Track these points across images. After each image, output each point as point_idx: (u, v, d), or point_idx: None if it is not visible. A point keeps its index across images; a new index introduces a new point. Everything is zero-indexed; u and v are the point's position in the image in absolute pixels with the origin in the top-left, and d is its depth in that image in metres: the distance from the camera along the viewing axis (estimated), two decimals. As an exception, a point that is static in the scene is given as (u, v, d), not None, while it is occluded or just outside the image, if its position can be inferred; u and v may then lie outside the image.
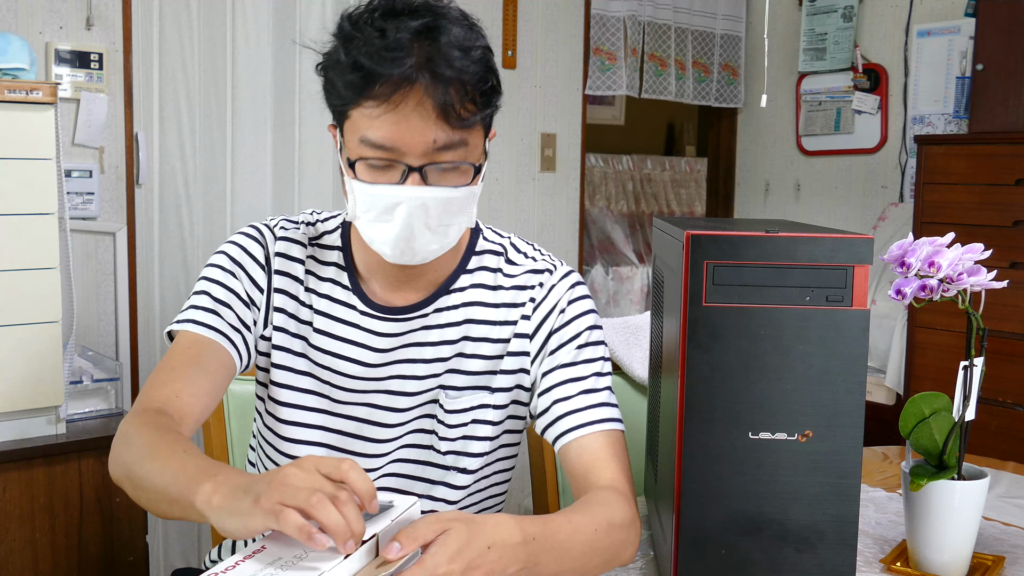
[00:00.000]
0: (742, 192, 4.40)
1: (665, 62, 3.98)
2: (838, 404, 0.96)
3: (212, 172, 2.87)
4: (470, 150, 1.12)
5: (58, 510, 1.99)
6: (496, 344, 1.26)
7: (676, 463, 0.99)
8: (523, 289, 1.26)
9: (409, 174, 1.09)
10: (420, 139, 1.07)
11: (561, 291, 1.26)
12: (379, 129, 1.07)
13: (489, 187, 3.53)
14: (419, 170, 1.09)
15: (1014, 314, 2.83)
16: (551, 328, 1.25)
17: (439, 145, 1.08)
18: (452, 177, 1.12)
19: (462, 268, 1.26)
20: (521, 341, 1.25)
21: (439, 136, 1.07)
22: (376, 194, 1.10)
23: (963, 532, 1.14)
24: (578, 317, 1.25)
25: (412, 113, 1.06)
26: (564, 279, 1.27)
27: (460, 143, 1.10)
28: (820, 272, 0.96)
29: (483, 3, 3.43)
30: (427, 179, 1.10)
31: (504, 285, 1.26)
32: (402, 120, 1.06)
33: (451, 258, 1.25)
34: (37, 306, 1.93)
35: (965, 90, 3.44)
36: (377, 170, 1.10)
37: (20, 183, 1.90)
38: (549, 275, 1.27)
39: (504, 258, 1.28)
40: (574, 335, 1.24)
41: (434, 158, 1.09)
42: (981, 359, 1.13)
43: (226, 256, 1.25)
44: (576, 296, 1.26)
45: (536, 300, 1.26)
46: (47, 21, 2.52)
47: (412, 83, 1.05)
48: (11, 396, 1.93)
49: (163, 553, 2.81)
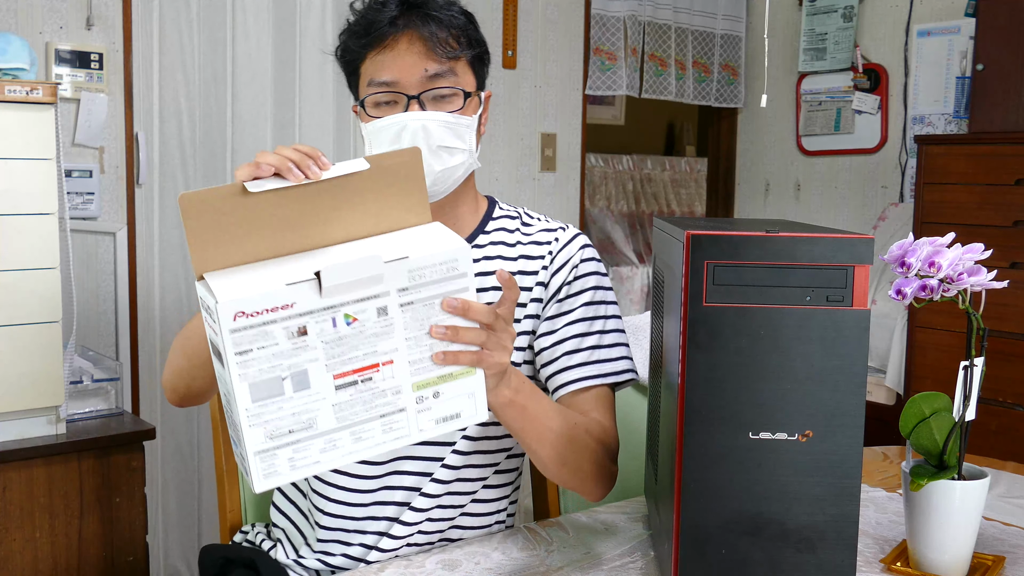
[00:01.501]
0: (742, 192, 4.40)
1: (665, 62, 3.98)
2: (838, 404, 0.96)
3: (212, 172, 2.87)
4: (460, 80, 1.30)
5: (58, 510, 1.99)
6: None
7: (676, 463, 0.99)
8: (540, 244, 1.39)
9: (410, 103, 1.28)
10: (414, 71, 1.27)
11: (573, 249, 1.39)
12: (380, 69, 1.28)
13: (489, 187, 3.53)
14: (417, 98, 1.28)
15: (1014, 314, 2.83)
16: (563, 280, 1.37)
17: (431, 73, 1.28)
18: (447, 104, 1.30)
19: (481, 229, 1.40)
20: (540, 289, 1.37)
21: (430, 66, 1.28)
22: (385, 125, 1.28)
23: (963, 532, 1.14)
24: (589, 275, 1.38)
25: (405, 52, 1.28)
26: (575, 239, 1.41)
27: (449, 72, 1.29)
28: (820, 272, 0.96)
29: (483, 3, 3.43)
30: (424, 107, 1.28)
31: (523, 241, 1.40)
32: (398, 57, 1.28)
33: (471, 215, 1.40)
34: (37, 306, 1.93)
35: (965, 90, 3.44)
36: (384, 106, 1.30)
37: (20, 183, 1.90)
38: (562, 231, 1.41)
39: (520, 221, 1.43)
40: (580, 290, 1.37)
41: (428, 86, 1.28)
42: (981, 359, 1.13)
43: None
44: (586, 256, 1.39)
45: (553, 253, 1.38)
46: (47, 21, 2.52)
47: (401, 28, 1.28)
48: (11, 396, 1.93)
49: (163, 553, 2.81)
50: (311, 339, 0.94)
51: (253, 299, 0.91)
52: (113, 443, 2.04)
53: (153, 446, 2.67)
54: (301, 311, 0.93)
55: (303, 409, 0.95)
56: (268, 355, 0.93)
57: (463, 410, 1.02)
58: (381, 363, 0.97)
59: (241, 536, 1.48)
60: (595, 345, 1.35)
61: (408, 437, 1.00)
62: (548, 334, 1.35)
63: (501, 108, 3.55)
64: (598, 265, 1.40)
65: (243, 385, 0.92)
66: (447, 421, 1.02)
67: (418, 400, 0.99)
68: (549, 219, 1.44)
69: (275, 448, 0.95)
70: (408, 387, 0.99)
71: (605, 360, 1.35)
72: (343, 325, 0.95)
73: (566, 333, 1.34)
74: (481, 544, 1.30)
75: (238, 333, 0.91)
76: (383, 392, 0.98)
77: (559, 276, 1.37)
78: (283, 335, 0.93)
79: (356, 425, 0.97)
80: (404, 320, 0.97)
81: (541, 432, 1.20)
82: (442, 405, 1.01)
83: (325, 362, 0.95)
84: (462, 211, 1.38)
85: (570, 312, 1.35)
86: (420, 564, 1.23)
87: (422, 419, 1.00)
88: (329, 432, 0.96)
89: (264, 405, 0.93)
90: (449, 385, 1.01)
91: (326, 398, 0.95)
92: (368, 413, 0.97)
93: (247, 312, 0.91)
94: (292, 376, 0.94)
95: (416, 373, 0.99)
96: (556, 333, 1.35)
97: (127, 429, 2.09)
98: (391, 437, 0.99)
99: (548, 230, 1.41)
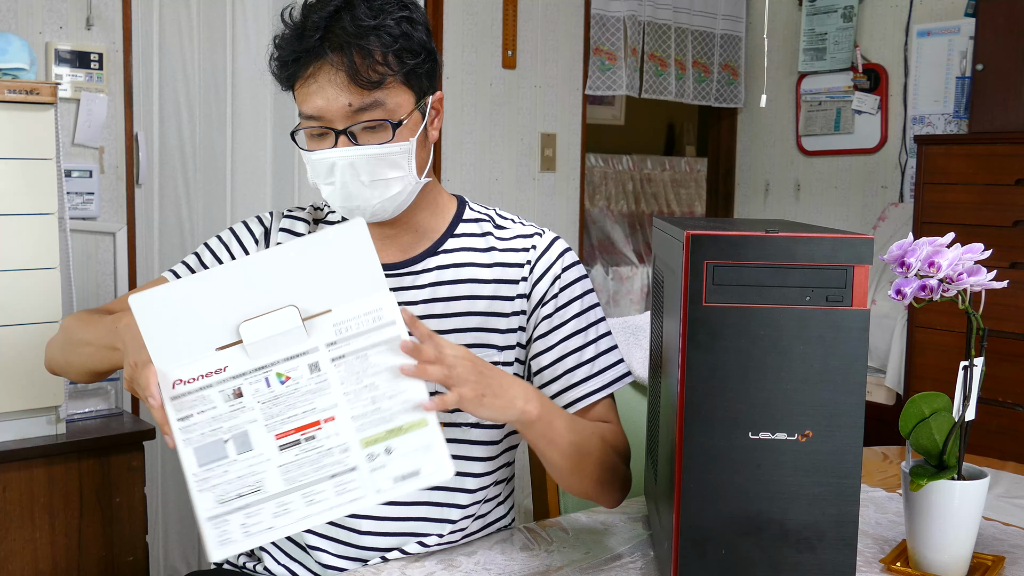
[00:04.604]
0: (742, 192, 4.40)
1: (665, 62, 3.98)
2: (838, 404, 0.96)
3: (212, 172, 2.87)
4: (389, 109, 1.23)
5: (58, 510, 1.99)
6: (494, 301, 1.32)
7: (676, 463, 0.99)
8: (516, 252, 1.35)
9: (338, 137, 1.22)
10: (336, 105, 1.21)
11: (552, 257, 1.35)
12: (306, 102, 1.23)
13: (489, 187, 3.53)
14: (345, 132, 1.22)
15: (1014, 314, 2.83)
16: (546, 291, 1.33)
17: (355, 108, 1.21)
18: (377, 135, 1.23)
19: (450, 233, 1.35)
20: (521, 301, 1.33)
21: (353, 100, 1.20)
22: (316, 159, 1.24)
23: (963, 532, 1.14)
24: (574, 283, 1.35)
25: (327, 84, 1.21)
26: (553, 245, 1.36)
27: (375, 104, 1.21)
28: (820, 272, 0.96)
29: (483, 3, 3.43)
30: (356, 140, 1.22)
31: (497, 247, 1.35)
32: (320, 91, 1.21)
33: (433, 220, 1.35)
34: (37, 306, 1.93)
35: (965, 90, 3.44)
36: (316, 139, 1.25)
37: (20, 183, 1.90)
38: (539, 238, 1.36)
39: (492, 224, 1.38)
40: (568, 301, 1.33)
41: (354, 119, 1.21)
42: (981, 359, 1.13)
43: (227, 229, 1.41)
44: (567, 264, 1.35)
45: (532, 262, 1.34)
46: (47, 21, 2.52)
47: (321, 58, 1.20)
48: (11, 396, 1.93)
49: (163, 553, 2.81)
50: (247, 400, 0.97)
51: (187, 367, 0.97)
52: (113, 443, 2.04)
53: (153, 446, 2.67)
54: (234, 373, 0.97)
55: (249, 471, 0.97)
56: (207, 419, 0.97)
57: (422, 466, 0.98)
58: (322, 420, 0.97)
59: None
60: (594, 356, 1.33)
61: (365, 499, 0.97)
62: (545, 351, 1.33)
63: (501, 108, 3.55)
64: (580, 270, 1.37)
65: (188, 451, 0.97)
66: (407, 479, 0.98)
67: (369, 457, 0.97)
68: (523, 221, 1.39)
69: (226, 513, 0.97)
70: (356, 444, 0.98)
71: (605, 369, 1.34)
72: (277, 384, 0.97)
73: (564, 349, 1.32)
74: (481, 544, 1.30)
75: (178, 400, 0.97)
76: (330, 451, 0.97)
77: (540, 287, 1.33)
78: (220, 398, 0.97)
79: (307, 487, 0.97)
80: (339, 375, 0.98)
81: (563, 447, 1.20)
82: (397, 462, 0.98)
83: (264, 422, 0.97)
84: (421, 218, 1.33)
85: (563, 326, 1.33)
86: (420, 564, 1.23)
87: (378, 478, 0.97)
88: (279, 495, 0.97)
89: (210, 469, 0.97)
90: (400, 440, 0.98)
91: (271, 459, 0.97)
92: (318, 473, 0.97)
93: (184, 379, 0.97)
94: (234, 438, 0.97)
95: (362, 429, 0.98)
96: (554, 350, 1.32)
97: (127, 429, 2.09)
98: (346, 499, 0.97)
99: (524, 236, 1.36)
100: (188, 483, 0.98)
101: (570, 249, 1.38)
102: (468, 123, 3.47)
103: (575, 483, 1.26)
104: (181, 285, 1.00)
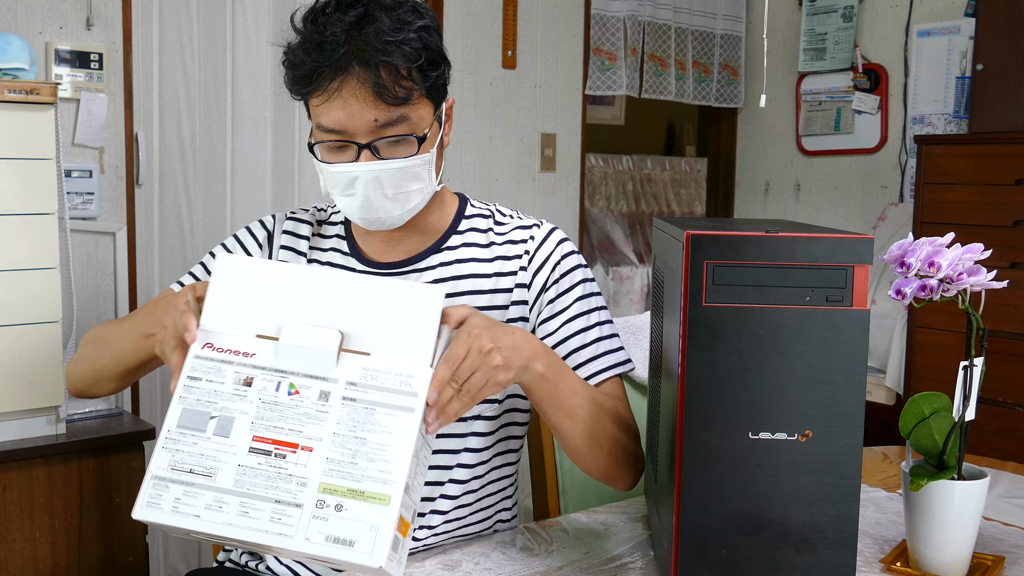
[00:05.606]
0: (742, 192, 4.40)
1: (665, 62, 3.98)
2: (838, 404, 0.96)
3: (212, 172, 2.87)
4: (414, 123, 1.22)
5: (58, 510, 1.99)
6: (495, 295, 1.33)
7: (676, 463, 0.99)
8: (515, 243, 1.36)
9: (361, 151, 1.21)
10: (362, 121, 1.19)
11: (551, 245, 1.36)
12: (327, 116, 1.20)
13: (489, 187, 3.53)
14: (368, 147, 1.21)
15: (1014, 314, 2.83)
16: (547, 279, 1.34)
17: (380, 123, 1.20)
18: (402, 149, 1.23)
19: (453, 230, 1.37)
20: (521, 291, 1.34)
21: (379, 116, 1.19)
22: (336, 172, 1.23)
23: (963, 532, 1.14)
24: (574, 269, 1.36)
25: (352, 98, 1.18)
26: (552, 234, 1.37)
27: (400, 119, 1.21)
28: (820, 272, 0.96)
29: (483, 3, 3.43)
30: (379, 153, 1.22)
31: (496, 241, 1.36)
32: (344, 105, 1.19)
33: (439, 219, 1.36)
34: (37, 306, 1.93)
35: (965, 90, 3.44)
36: (335, 151, 1.23)
37: (20, 183, 1.89)
38: (537, 229, 1.37)
39: (492, 220, 1.39)
40: (570, 287, 1.35)
41: (379, 134, 1.20)
42: (981, 359, 1.13)
43: (232, 236, 1.42)
44: (567, 251, 1.36)
45: (530, 252, 1.35)
46: (47, 21, 2.52)
47: (346, 72, 1.18)
48: (11, 396, 1.93)
49: (163, 553, 2.81)
50: (252, 392, 0.99)
51: (225, 337, 1.00)
52: (113, 443, 2.04)
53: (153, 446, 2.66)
54: (256, 364, 0.99)
55: (212, 454, 0.97)
56: (211, 390, 0.99)
57: (359, 540, 0.93)
58: (301, 446, 0.97)
59: (224, 555, 1.43)
60: (598, 338, 1.34)
61: (291, 540, 0.94)
62: (548, 336, 1.34)
63: (501, 108, 3.55)
64: (579, 258, 1.38)
65: (178, 408, 0.99)
66: (337, 544, 0.93)
67: (318, 504, 0.95)
68: (522, 215, 1.40)
69: (171, 480, 0.97)
70: (315, 483, 0.95)
71: (610, 351, 1.35)
72: (284, 393, 0.99)
73: (567, 331, 1.34)
74: (481, 544, 1.30)
75: (198, 360, 1.00)
76: (289, 477, 0.96)
77: (541, 275, 1.34)
78: (232, 378, 0.99)
79: (249, 498, 0.96)
80: (340, 414, 0.98)
81: (572, 409, 1.20)
82: (340, 522, 0.94)
83: (252, 419, 0.98)
84: (429, 220, 1.34)
85: (565, 311, 1.34)
86: (420, 564, 1.23)
87: (312, 527, 0.94)
88: (222, 491, 0.96)
89: (184, 434, 0.99)
90: (356, 504, 0.95)
91: (236, 455, 0.97)
92: (266, 491, 0.96)
93: (216, 346, 1.00)
94: (219, 419, 0.98)
95: (329, 473, 0.96)
96: (557, 333, 1.33)
97: (127, 429, 2.09)
98: (274, 530, 0.94)
99: (523, 227, 1.37)
100: (159, 436, 0.99)
101: (568, 239, 1.39)
102: (468, 123, 3.47)
103: (589, 457, 1.24)
104: (268, 266, 1.05)
